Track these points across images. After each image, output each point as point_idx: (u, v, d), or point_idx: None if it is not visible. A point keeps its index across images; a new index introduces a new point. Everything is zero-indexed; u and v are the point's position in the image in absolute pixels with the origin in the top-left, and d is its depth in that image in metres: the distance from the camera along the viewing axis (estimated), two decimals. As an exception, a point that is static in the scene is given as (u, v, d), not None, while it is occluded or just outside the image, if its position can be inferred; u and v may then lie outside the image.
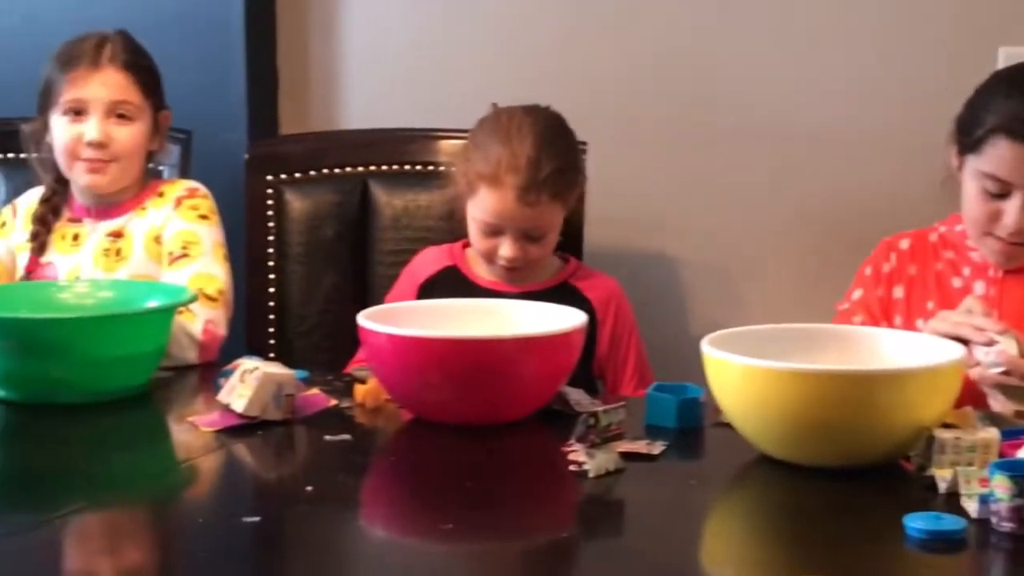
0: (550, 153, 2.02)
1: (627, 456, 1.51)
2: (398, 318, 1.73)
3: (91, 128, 2.12)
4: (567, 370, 1.70)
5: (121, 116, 2.14)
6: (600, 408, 1.51)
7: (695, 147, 2.49)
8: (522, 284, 2.10)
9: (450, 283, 2.10)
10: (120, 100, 2.14)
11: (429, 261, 2.17)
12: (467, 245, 2.16)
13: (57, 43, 2.19)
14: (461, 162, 2.09)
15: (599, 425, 1.48)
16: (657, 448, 1.55)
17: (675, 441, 1.59)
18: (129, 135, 2.14)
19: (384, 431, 1.71)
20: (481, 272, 2.13)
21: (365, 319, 1.69)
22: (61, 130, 2.14)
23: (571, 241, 2.23)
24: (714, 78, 2.46)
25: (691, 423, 1.65)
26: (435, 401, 1.65)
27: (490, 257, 2.08)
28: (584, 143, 2.21)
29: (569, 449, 1.49)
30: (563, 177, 2.04)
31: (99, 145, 2.12)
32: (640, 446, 1.55)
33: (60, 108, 2.14)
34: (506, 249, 2.05)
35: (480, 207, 2.05)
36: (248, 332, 2.33)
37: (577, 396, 1.73)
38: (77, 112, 2.13)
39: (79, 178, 2.16)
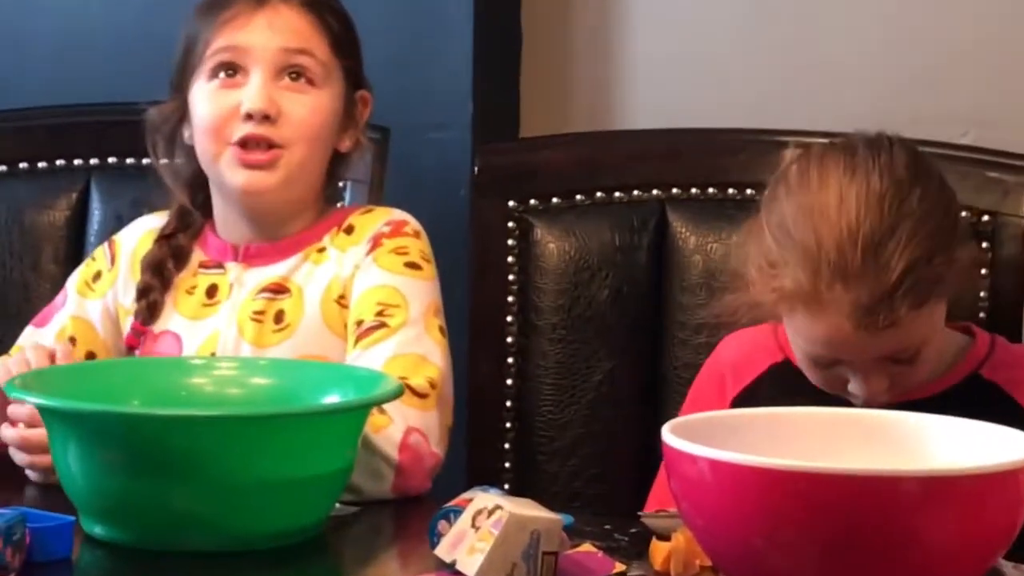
0: (903, 237, 1.95)
1: None
2: (722, 434, 1.72)
3: (251, 93, 2.14)
4: (1010, 531, 1.65)
5: (297, 78, 2.15)
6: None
7: None
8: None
9: (783, 389, 2.11)
10: (296, 49, 2.16)
11: (744, 355, 2.19)
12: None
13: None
14: (753, 256, 2.03)
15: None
16: None
17: None
18: (310, 108, 2.17)
19: (701, 620, 1.72)
20: (830, 374, 2.15)
21: (673, 434, 1.68)
22: (204, 102, 2.17)
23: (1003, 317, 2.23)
24: None
25: None
26: (789, 573, 1.63)
27: (834, 390, 2.06)
28: None
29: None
30: (930, 269, 1.96)
31: (263, 118, 2.13)
32: None
33: (205, 69, 2.17)
34: (858, 387, 2.03)
35: (800, 333, 2.03)
36: (471, 448, 2.38)
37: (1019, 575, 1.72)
38: (231, 71, 2.16)
39: (230, 175, 2.16)
